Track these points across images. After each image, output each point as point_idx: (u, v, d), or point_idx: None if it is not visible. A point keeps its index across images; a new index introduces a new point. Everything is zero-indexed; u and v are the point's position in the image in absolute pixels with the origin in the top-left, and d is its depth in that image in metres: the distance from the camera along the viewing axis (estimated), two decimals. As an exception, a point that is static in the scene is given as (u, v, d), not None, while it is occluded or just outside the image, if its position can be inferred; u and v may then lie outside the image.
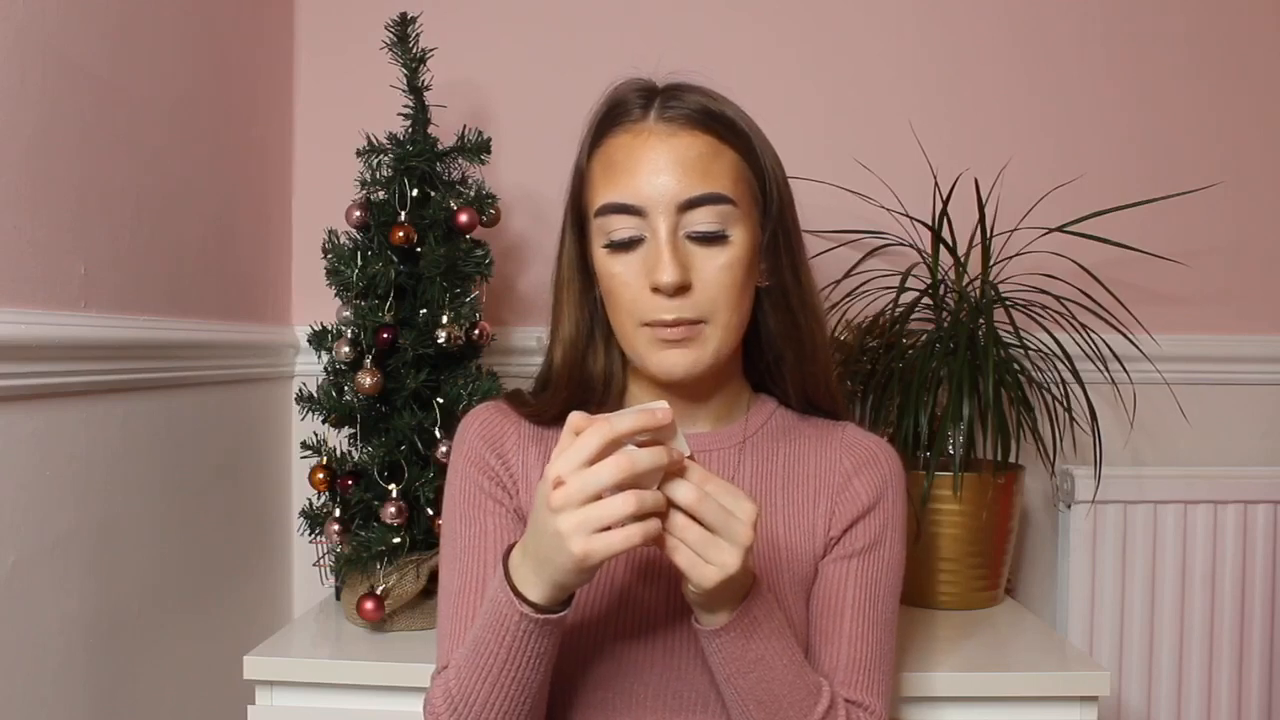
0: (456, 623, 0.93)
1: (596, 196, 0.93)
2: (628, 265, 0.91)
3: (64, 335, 1.09)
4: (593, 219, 0.93)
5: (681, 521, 0.77)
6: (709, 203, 0.90)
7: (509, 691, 0.83)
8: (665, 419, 0.75)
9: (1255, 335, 1.70)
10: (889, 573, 0.99)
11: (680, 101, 0.93)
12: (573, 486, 0.74)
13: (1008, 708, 1.19)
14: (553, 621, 0.81)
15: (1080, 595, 1.63)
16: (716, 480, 0.78)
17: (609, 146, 0.93)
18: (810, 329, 0.99)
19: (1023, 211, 1.61)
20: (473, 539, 0.96)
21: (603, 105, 0.97)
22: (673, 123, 0.91)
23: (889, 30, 1.70)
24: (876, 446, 1.02)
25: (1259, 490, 1.63)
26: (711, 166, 0.91)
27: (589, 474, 0.73)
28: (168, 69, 1.33)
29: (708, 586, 0.77)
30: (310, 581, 1.61)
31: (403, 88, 1.41)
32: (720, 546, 0.77)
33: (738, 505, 0.78)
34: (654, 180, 0.89)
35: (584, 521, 0.73)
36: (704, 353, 0.91)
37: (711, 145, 0.91)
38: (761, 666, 0.84)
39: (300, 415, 1.40)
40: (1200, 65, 1.70)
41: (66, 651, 1.12)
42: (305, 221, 1.69)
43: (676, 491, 0.76)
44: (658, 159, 0.90)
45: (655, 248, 0.89)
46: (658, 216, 0.89)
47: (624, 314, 0.92)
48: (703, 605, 0.83)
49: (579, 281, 0.99)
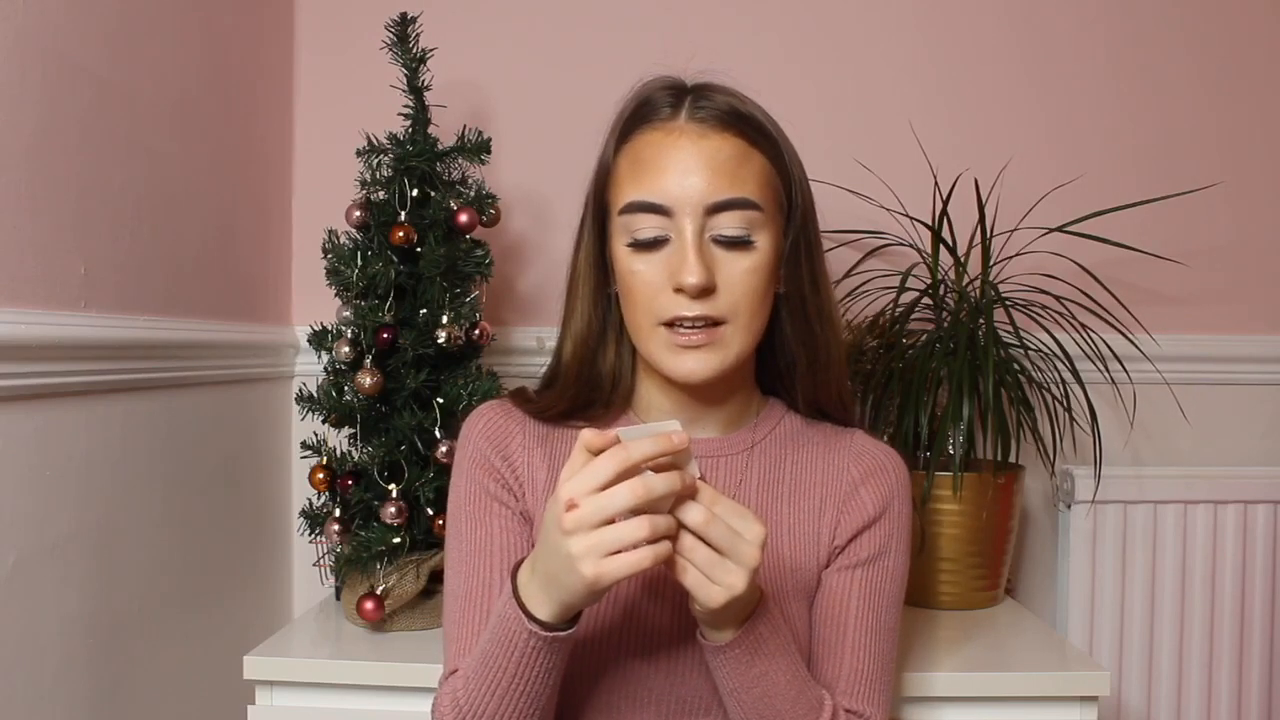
0: (464, 627, 0.93)
1: (622, 193, 0.92)
2: (650, 264, 0.90)
3: (64, 335, 1.09)
4: (617, 216, 0.92)
5: (689, 543, 0.76)
6: (736, 207, 0.89)
7: (518, 704, 0.82)
8: (681, 444, 0.75)
9: (1255, 335, 1.70)
10: (893, 583, 0.98)
11: (711, 102, 0.92)
12: (586, 510, 0.73)
13: (1008, 708, 1.19)
14: (561, 639, 0.80)
15: (1080, 595, 1.63)
16: (725, 501, 0.78)
17: (637, 143, 0.93)
18: (826, 338, 0.98)
19: (1023, 211, 1.61)
20: (479, 542, 0.95)
21: (631, 101, 0.96)
22: (704, 123, 0.91)
23: (889, 30, 1.70)
24: (885, 456, 1.01)
25: (1259, 490, 1.63)
26: (740, 170, 0.90)
27: (604, 498, 0.73)
28: (168, 69, 1.33)
29: (714, 607, 0.77)
30: (310, 581, 1.61)
31: (403, 88, 1.41)
32: (727, 568, 0.76)
33: (746, 527, 0.77)
34: (683, 181, 0.89)
35: (597, 545, 0.73)
36: (724, 356, 0.90)
37: (741, 148, 0.91)
38: (765, 682, 0.84)
39: (300, 415, 1.40)
40: (1200, 65, 1.70)
41: (66, 651, 1.12)
42: (305, 221, 1.69)
43: (686, 514, 0.76)
44: (688, 160, 0.89)
45: (680, 248, 0.89)
46: (684, 217, 0.89)
47: (642, 313, 0.91)
48: (709, 623, 0.83)
49: (595, 277, 0.97)
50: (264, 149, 1.62)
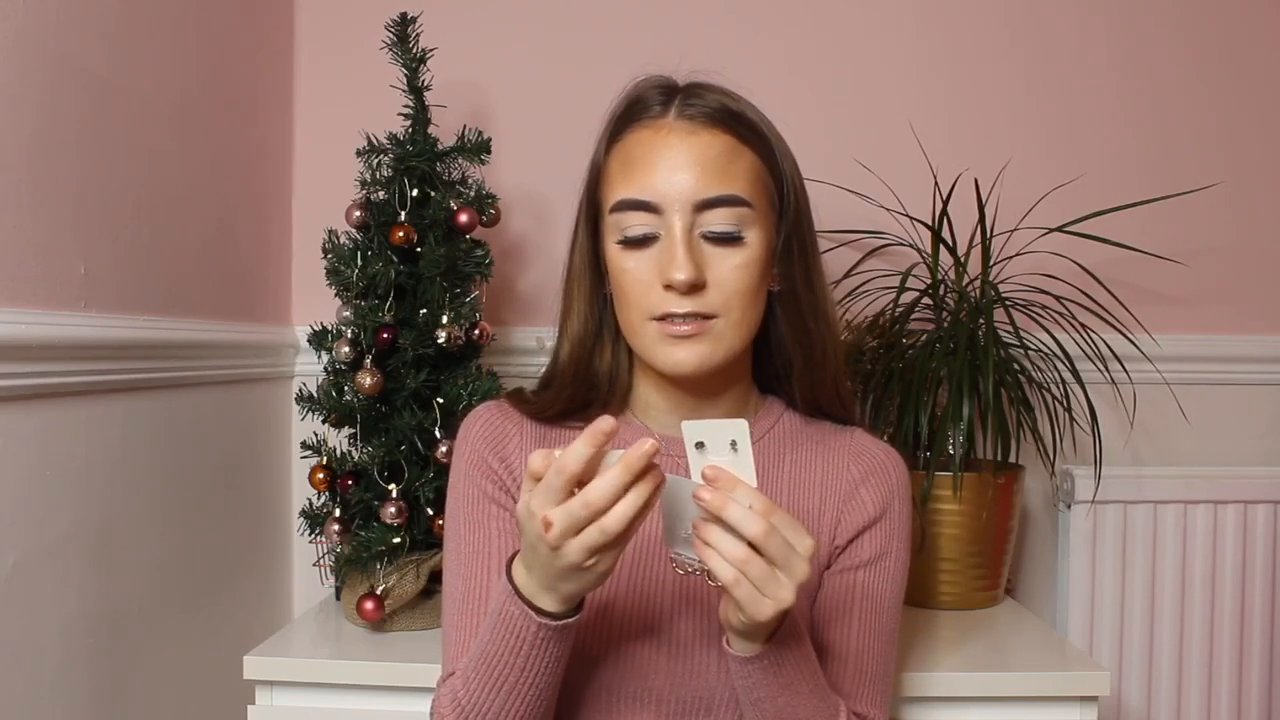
0: (462, 629, 0.93)
1: (613, 192, 0.92)
2: (640, 262, 0.90)
3: (64, 335, 1.09)
4: (607, 215, 0.93)
5: (744, 554, 0.74)
6: (726, 204, 0.89)
7: (526, 698, 0.82)
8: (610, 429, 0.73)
9: (1255, 335, 1.70)
10: (894, 584, 0.98)
11: (701, 100, 0.92)
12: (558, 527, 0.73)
13: (1008, 708, 1.19)
14: (571, 625, 0.80)
15: (1080, 595, 1.63)
16: (780, 512, 0.75)
17: (627, 142, 0.93)
18: (821, 335, 0.98)
19: (1023, 211, 1.61)
20: (477, 544, 0.95)
21: (622, 101, 0.96)
22: (693, 120, 0.91)
23: (889, 30, 1.70)
24: (884, 455, 1.01)
25: (1259, 490, 1.63)
26: (730, 167, 0.90)
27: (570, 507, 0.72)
28: (168, 69, 1.33)
29: (762, 620, 0.76)
30: (310, 581, 1.61)
31: (403, 88, 1.41)
32: (780, 581, 0.75)
33: (799, 539, 0.76)
34: (672, 178, 0.89)
35: (587, 545, 0.73)
36: (713, 349, 0.90)
37: (731, 145, 0.91)
38: (790, 692, 0.84)
39: (300, 415, 1.40)
40: (1200, 65, 1.70)
41: (66, 651, 1.12)
42: (305, 221, 1.69)
43: (746, 525, 0.73)
44: (676, 157, 0.89)
45: (670, 245, 0.89)
46: (673, 214, 0.89)
47: (633, 309, 0.91)
48: (746, 634, 0.81)
49: (590, 277, 0.98)
50: (264, 149, 1.62)
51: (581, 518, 0.72)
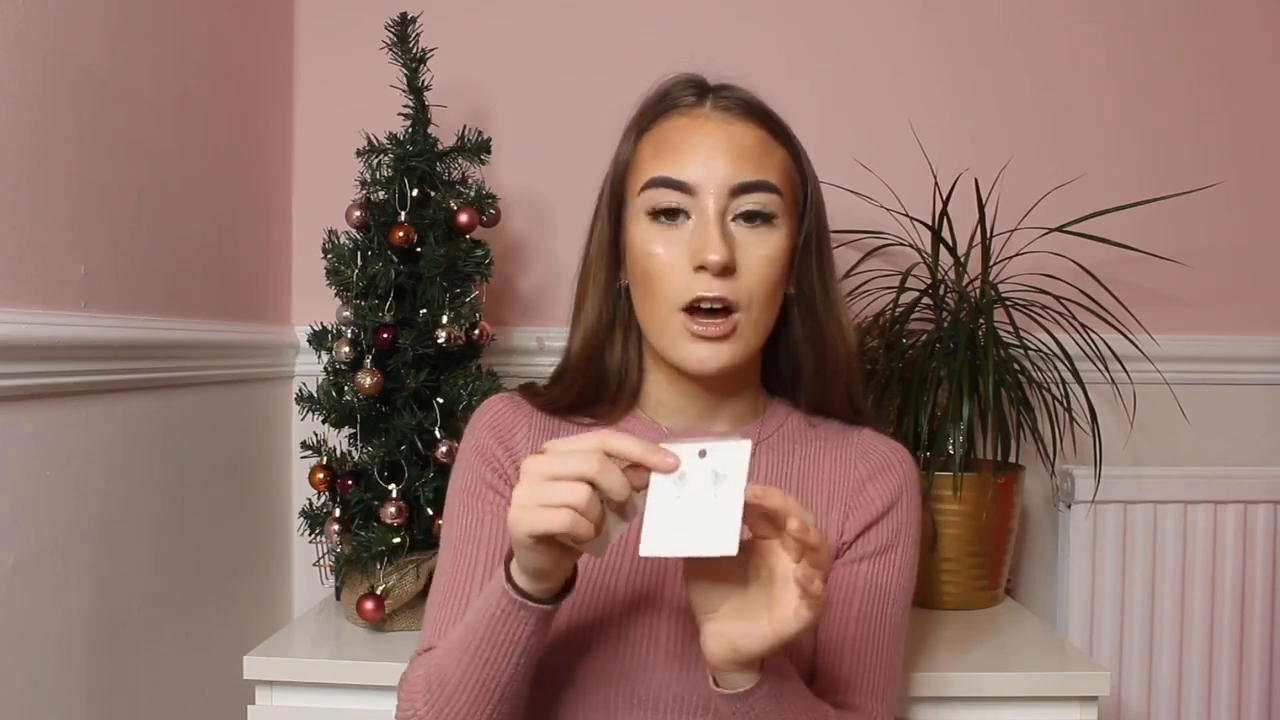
0: (445, 608, 0.93)
1: (644, 173, 0.93)
2: (669, 245, 0.91)
3: (64, 335, 1.09)
4: (637, 195, 0.93)
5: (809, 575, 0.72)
6: (761, 190, 0.91)
7: (479, 675, 0.81)
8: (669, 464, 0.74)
9: (1255, 335, 1.70)
10: (899, 578, 0.97)
11: (734, 92, 0.95)
12: (541, 461, 0.74)
13: (1008, 708, 1.19)
14: (530, 608, 0.79)
15: (1080, 595, 1.63)
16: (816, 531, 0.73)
17: (661, 129, 0.94)
18: (835, 339, 0.98)
19: (1023, 211, 1.61)
20: (468, 529, 0.96)
21: (653, 95, 0.97)
22: (729, 111, 0.93)
23: (889, 30, 1.70)
24: (892, 451, 1.01)
25: (1259, 490, 1.63)
26: (763, 158, 0.92)
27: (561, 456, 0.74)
28: (168, 69, 1.33)
29: (788, 635, 0.74)
30: (310, 581, 1.61)
31: (403, 88, 1.41)
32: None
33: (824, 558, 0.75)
34: (709, 163, 0.90)
35: (533, 494, 0.73)
36: (735, 349, 0.91)
37: (764, 139, 0.93)
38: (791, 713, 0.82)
39: (300, 415, 1.40)
40: (1200, 65, 1.70)
41: (66, 651, 1.12)
42: (305, 221, 1.69)
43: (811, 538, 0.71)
44: (715, 142, 0.91)
45: (703, 227, 0.89)
46: (708, 197, 0.90)
47: (659, 300, 0.91)
48: (743, 665, 0.78)
49: (607, 267, 0.98)
50: (264, 149, 1.62)
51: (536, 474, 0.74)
